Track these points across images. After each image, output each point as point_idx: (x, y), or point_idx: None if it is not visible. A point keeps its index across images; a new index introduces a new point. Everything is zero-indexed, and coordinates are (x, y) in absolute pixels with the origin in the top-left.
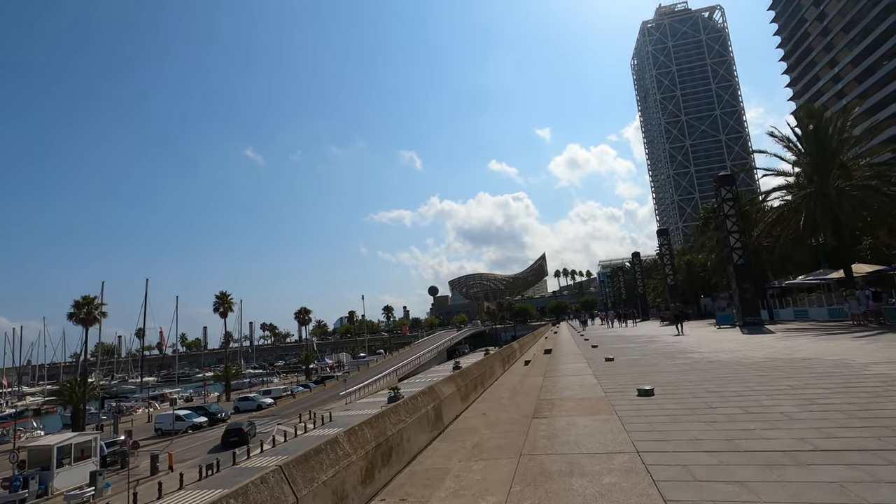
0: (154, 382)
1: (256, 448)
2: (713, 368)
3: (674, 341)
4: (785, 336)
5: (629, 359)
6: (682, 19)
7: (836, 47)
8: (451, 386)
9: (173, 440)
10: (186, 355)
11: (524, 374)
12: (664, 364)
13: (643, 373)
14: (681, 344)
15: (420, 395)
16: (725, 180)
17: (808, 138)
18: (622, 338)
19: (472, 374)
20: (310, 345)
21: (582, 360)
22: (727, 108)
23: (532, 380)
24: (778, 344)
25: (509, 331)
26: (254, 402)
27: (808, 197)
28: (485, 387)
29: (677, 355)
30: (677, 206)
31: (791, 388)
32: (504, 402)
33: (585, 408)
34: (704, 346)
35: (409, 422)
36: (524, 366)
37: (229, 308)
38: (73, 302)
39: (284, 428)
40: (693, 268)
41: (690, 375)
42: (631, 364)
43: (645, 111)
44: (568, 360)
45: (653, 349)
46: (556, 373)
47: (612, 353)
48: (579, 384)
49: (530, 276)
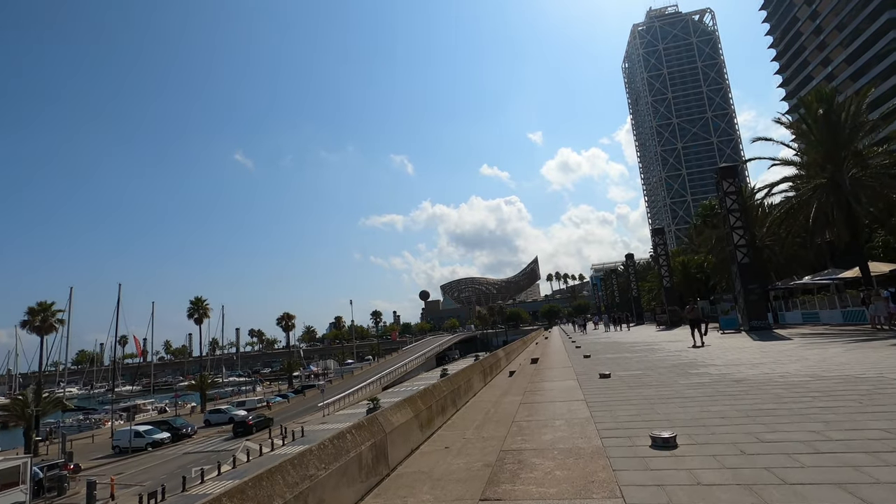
0: (129, 392)
1: (213, 470)
2: (746, 393)
3: (678, 351)
4: (806, 343)
5: (629, 374)
6: (672, 22)
7: (830, 46)
8: (405, 412)
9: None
10: (171, 363)
11: (504, 392)
12: (676, 384)
13: (651, 399)
14: (687, 354)
15: (354, 429)
16: (727, 172)
17: (819, 124)
18: (617, 345)
19: (439, 392)
20: (296, 352)
21: (571, 376)
22: (718, 111)
23: (511, 399)
24: (808, 354)
25: (500, 336)
26: (225, 414)
27: (819, 188)
28: (457, 406)
29: (688, 370)
30: (669, 208)
31: (891, 434)
32: (469, 435)
33: (571, 477)
34: (717, 357)
35: (321, 476)
36: (508, 377)
37: (205, 314)
38: (27, 308)
39: (251, 445)
40: (689, 269)
41: (718, 405)
42: (633, 383)
43: (636, 114)
44: (555, 376)
45: (655, 361)
46: (538, 393)
47: (607, 365)
48: (566, 418)
49: (523, 280)
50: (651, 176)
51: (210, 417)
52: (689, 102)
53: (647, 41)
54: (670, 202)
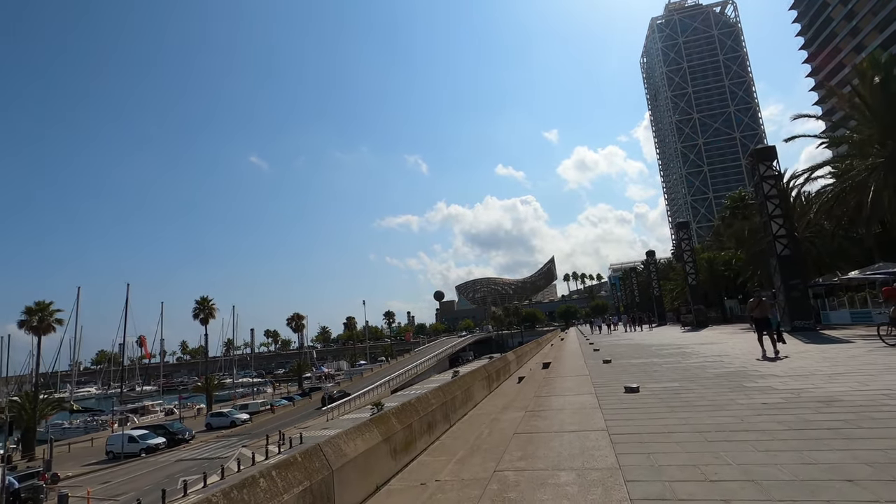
0: (138, 394)
1: (200, 482)
2: (855, 425)
3: (716, 356)
4: (876, 347)
5: (663, 388)
6: (692, 15)
7: (863, 31)
8: (369, 436)
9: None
10: (186, 363)
11: (506, 403)
12: (734, 405)
13: (705, 430)
14: (731, 360)
15: (279, 468)
16: (764, 154)
17: (875, 95)
18: (641, 348)
19: (426, 405)
20: (308, 353)
21: (588, 388)
22: (741, 105)
23: (511, 416)
24: (893, 362)
25: (516, 337)
26: (227, 418)
27: (876, 169)
28: (451, 421)
29: (743, 383)
30: (690, 205)
31: None
32: (444, 475)
33: None
34: (771, 364)
35: None
36: (516, 384)
37: (210, 314)
38: (24, 308)
39: (247, 451)
40: (715, 266)
41: (825, 448)
42: (673, 402)
43: (655, 110)
44: (568, 387)
45: (693, 369)
46: (542, 414)
47: (632, 374)
48: (578, 466)
49: (539, 280)
50: (671, 173)
51: (211, 421)
52: (710, 97)
53: (665, 35)
54: (691, 199)
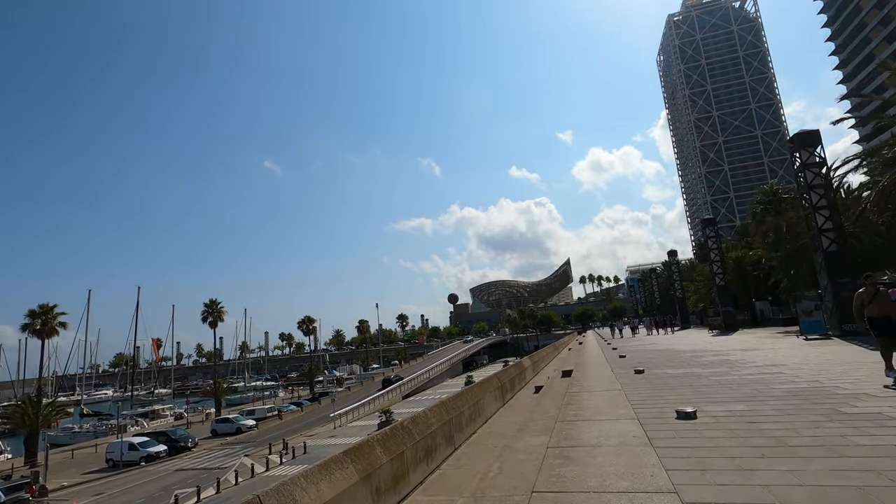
0: (150, 398)
1: (193, 496)
2: None
3: (769, 365)
4: None
5: (729, 414)
6: (711, 10)
7: (895, 21)
8: (341, 474)
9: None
10: (201, 366)
11: (522, 424)
12: (853, 448)
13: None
14: (797, 373)
15: None
16: (807, 139)
17: None
18: (673, 354)
19: (423, 427)
20: (320, 356)
21: (626, 410)
22: (763, 102)
23: (528, 443)
24: None
25: (532, 340)
26: (233, 424)
27: None
28: (455, 443)
29: (837, 408)
30: (710, 205)
31: None
32: None
33: None
34: (846, 379)
35: None
36: (533, 395)
37: (219, 318)
38: (27, 311)
39: (248, 461)
40: (744, 266)
41: None
42: (754, 443)
43: (673, 108)
44: (601, 408)
45: (752, 384)
46: (572, 451)
47: (676, 390)
48: None
49: (555, 282)
50: (689, 172)
51: (217, 427)
52: (730, 94)
53: (683, 31)
54: (711, 199)
